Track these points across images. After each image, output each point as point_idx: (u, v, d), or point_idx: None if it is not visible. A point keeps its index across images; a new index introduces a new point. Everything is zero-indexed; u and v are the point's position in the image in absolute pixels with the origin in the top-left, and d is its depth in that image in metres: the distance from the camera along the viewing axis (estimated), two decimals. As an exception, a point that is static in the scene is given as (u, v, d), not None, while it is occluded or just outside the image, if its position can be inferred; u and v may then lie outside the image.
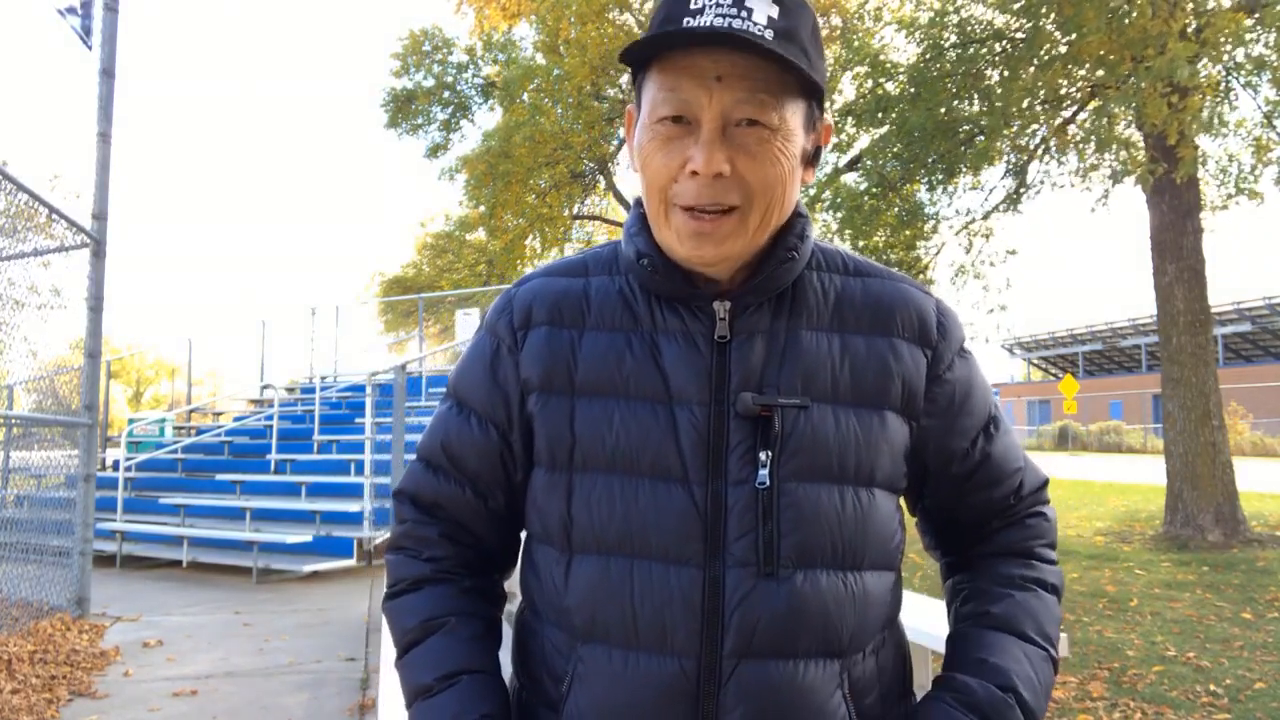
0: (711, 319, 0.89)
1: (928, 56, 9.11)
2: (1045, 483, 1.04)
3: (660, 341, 0.90)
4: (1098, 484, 14.94)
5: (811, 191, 11.67)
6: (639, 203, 0.94)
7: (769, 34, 0.80)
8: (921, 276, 10.86)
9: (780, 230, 0.90)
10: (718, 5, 0.81)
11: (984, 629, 0.93)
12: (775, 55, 0.79)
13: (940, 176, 9.57)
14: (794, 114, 0.85)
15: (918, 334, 0.93)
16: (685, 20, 0.81)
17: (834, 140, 11.11)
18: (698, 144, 0.83)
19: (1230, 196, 8.91)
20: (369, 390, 8.99)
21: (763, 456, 0.84)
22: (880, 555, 0.89)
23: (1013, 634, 0.91)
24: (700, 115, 0.83)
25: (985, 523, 1.00)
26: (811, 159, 0.91)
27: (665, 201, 0.86)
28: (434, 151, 17.27)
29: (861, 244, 10.44)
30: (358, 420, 11.08)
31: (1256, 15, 6.76)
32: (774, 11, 0.82)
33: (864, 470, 0.87)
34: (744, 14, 0.80)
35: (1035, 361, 50.25)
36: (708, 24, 0.80)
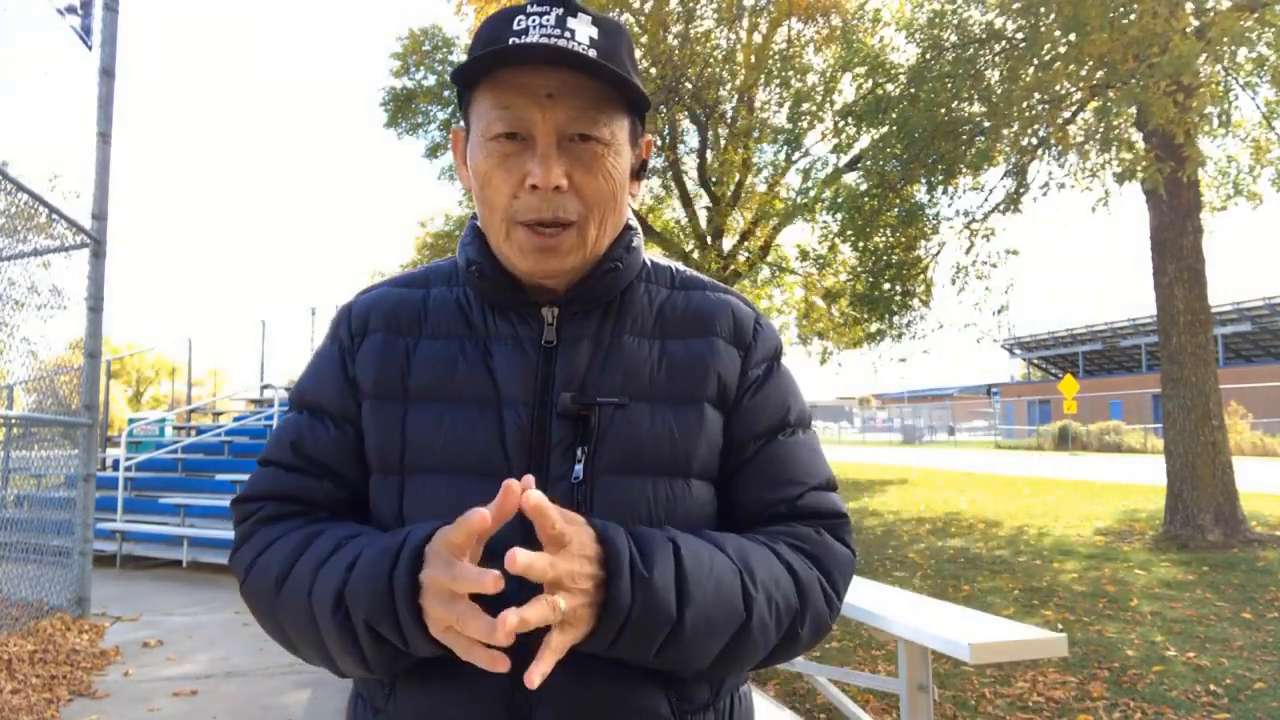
0: (540, 324, 0.93)
1: (928, 57, 9.11)
2: (840, 516, 0.96)
3: (492, 347, 0.93)
4: (1098, 484, 14.93)
5: (811, 192, 11.68)
6: (474, 216, 0.99)
7: (592, 53, 0.85)
8: (922, 277, 10.87)
9: (611, 242, 0.95)
10: (541, 26, 0.86)
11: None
12: (602, 71, 0.84)
13: (940, 177, 9.57)
14: (621, 129, 0.90)
15: (734, 335, 0.97)
16: (511, 40, 0.85)
17: (834, 140, 11.12)
18: (534, 158, 0.86)
19: (1229, 197, 8.92)
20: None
21: (579, 453, 0.88)
22: None
23: (703, 538, 0.85)
24: (534, 131, 0.87)
25: (751, 529, 0.94)
26: (638, 173, 0.97)
27: (507, 219, 0.89)
28: (434, 151, 17.25)
29: (862, 245, 10.44)
30: (358, 420, 11.06)
31: (1257, 15, 6.76)
32: (594, 32, 0.87)
33: (679, 462, 0.89)
34: (568, 34, 0.85)
35: (1035, 361, 50.24)
36: (535, 40, 0.85)
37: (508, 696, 0.82)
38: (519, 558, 0.68)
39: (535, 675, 0.70)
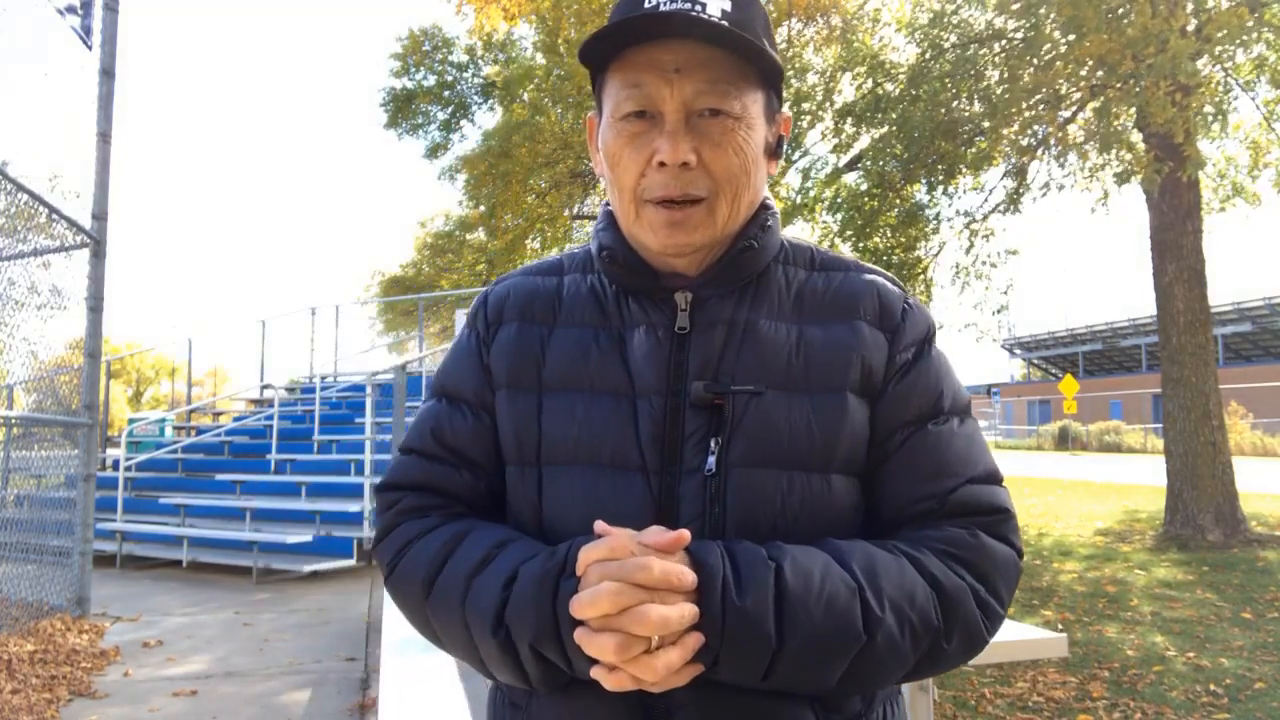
0: (673, 310, 0.90)
1: (928, 57, 9.12)
2: (1000, 511, 0.87)
3: (626, 335, 0.91)
4: (1098, 484, 14.93)
5: (811, 192, 11.67)
6: (608, 202, 0.97)
7: (724, 24, 0.82)
8: (921, 277, 10.86)
9: (745, 221, 0.92)
10: (672, 0, 0.83)
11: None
12: (731, 39, 0.81)
13: (940, 177, 9.57)
14: (754, 103, 0.87)
15: (879, 317, 0.92)
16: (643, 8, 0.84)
17: (834, 140, 11.11)
18: (663, 135, 0.84)
19: (1228, 198, 8.93)
20: (369, 390, 9.00)
21: (712, 444, 0.84)
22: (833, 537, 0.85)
23: (827, 550, 0.80)
24: (663, 108, 0.85)
25: (900, 527, 0.87)
26: (774, 150, 0.93)
27: (636, 199, 0.88)
28: (434, 151, 17.24)
29: (862, 245, 10.43)
30: (358, 420, 11.07)
31: (1256, 15, 6.76)
32: (726, 4, 0.84)
33: (818, 455, 0.85)
34: (698, 7, 0.82)
35: (1035, 361, 50.24)
36: (666, 9, 0.82)
37: (647, 703, 0.80)
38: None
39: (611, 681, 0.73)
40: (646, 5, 0.84)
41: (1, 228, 5.33)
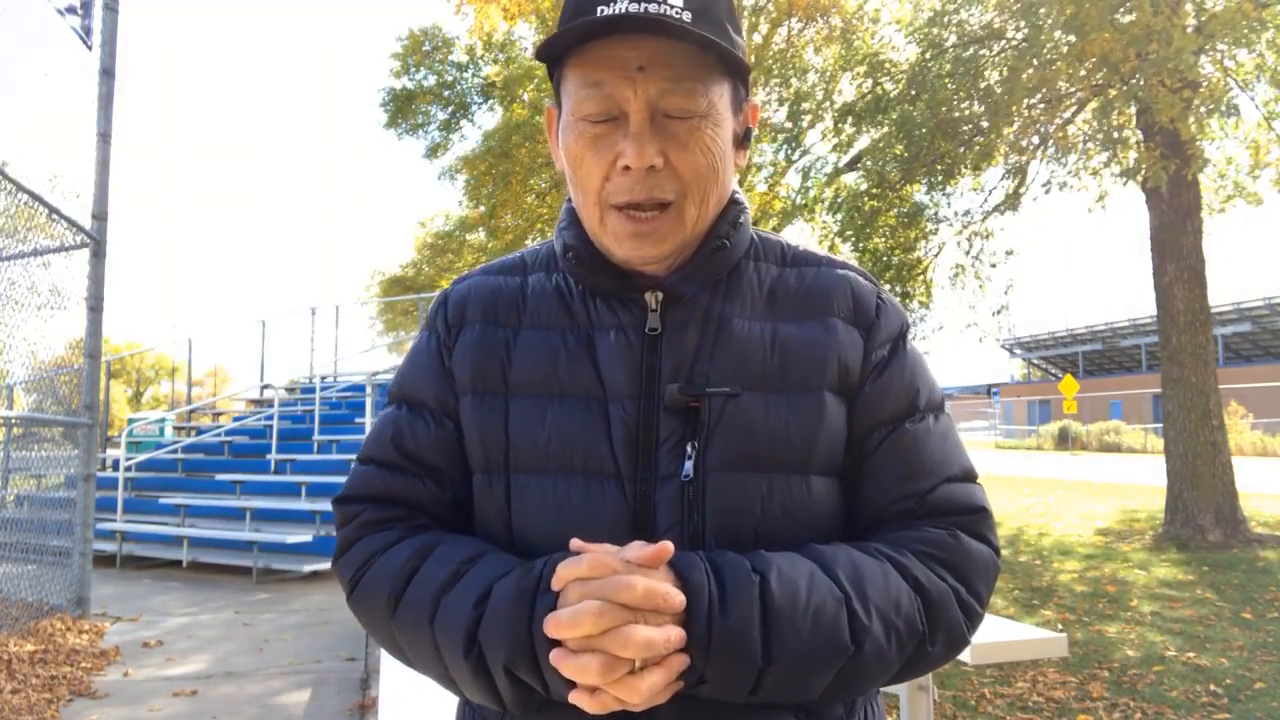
0: (643, 310, 0.87)
1: (928, 57, 9.12)
2: (978, 511, 0.86)
3: (595, 337, 0.87)
4: (1098, 484, 14.94)
5: (811, 192, 11.68)
6: (569, 199, 0.93)
7: (686, 16, 0.78)
8: (921, 277, 10.87)
9: (715, 218, 0.88)
10: None
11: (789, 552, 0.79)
12: (696, 36, 0.78)
13: (940, 177, 9.58)
14: (721, 97, 0.84)
15: (853, 314, 0.89)
16: (599, 9, 0.79)
17: (834, 140, 11.10)
18: (627, 138, 0.81)
19: (1229, 198, 8.93)
20: (369, 390, 8.99)
21: (689, 448, 0.81)
22: (814, 542, 0.83)
23: (811, 558, 0.78)
24: (626, 108, 0.81)
25: (878, 528, 0.86)
26: (742, 141, 0.90)
27: (601, 203, 0.84)
28: (434, 151, 17.23)
29: (862, 246, 10.45)
30: (358, 420, 11.08)
31: (1259, 14, 6.76)
32: None
33: (797, 457, 0.82)
34: (656, 3, 0.78)
35: (1035, 361, 50.22)
36: (623, 10, 0.78)
37: (628, 717, 0.76)
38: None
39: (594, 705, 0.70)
40: None
41: (1, 228, 5.33)
